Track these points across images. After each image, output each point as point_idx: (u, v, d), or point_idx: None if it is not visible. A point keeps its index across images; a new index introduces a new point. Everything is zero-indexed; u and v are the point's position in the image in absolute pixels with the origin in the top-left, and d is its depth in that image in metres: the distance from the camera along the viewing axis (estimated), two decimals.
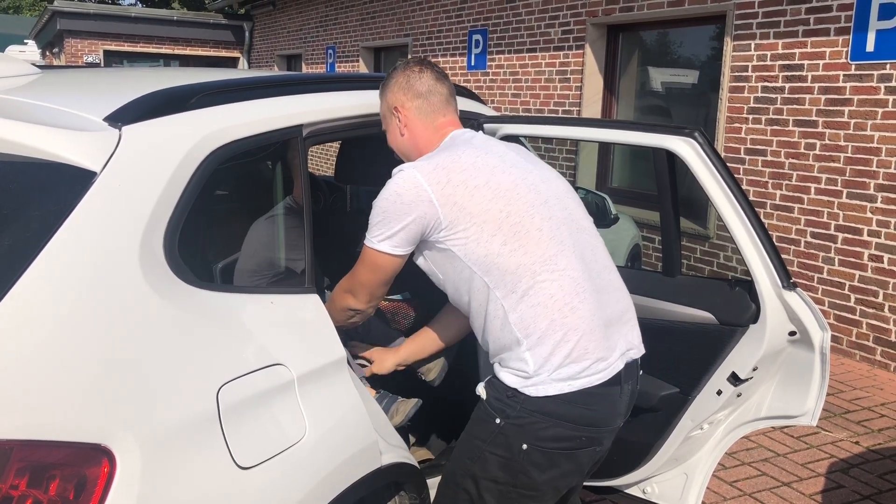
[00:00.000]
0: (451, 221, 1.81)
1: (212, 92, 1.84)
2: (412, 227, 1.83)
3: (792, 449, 3.87)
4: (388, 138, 2.11)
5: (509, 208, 1.82)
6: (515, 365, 1.83)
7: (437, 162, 1.86)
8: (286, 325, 1.80)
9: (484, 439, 1.88)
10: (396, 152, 2.11)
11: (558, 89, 7.72)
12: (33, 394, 1.31)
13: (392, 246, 1.87)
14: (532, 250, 1.82)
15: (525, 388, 1.81)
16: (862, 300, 5.23)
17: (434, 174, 1.83)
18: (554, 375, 1.80)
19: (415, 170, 1.84)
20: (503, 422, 1.84)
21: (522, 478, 1.86)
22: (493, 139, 2.06)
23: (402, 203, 1.82)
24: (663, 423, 2.44)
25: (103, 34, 15.30)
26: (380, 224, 1.86)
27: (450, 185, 1.82)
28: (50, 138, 1.51)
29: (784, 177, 5.63)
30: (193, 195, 1.65)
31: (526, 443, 1.82)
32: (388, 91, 2.07)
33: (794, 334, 2.25)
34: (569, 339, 1.80)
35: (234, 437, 1.55)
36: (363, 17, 11.43)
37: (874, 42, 4.98)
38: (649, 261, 6.53)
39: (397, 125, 2.05)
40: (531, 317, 1.80)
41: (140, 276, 1.49)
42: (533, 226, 1.83)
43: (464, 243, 1.82)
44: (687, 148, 2.18)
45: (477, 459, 1.89)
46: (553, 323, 1.80)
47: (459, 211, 1.81)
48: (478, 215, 1.81)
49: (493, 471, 1.87)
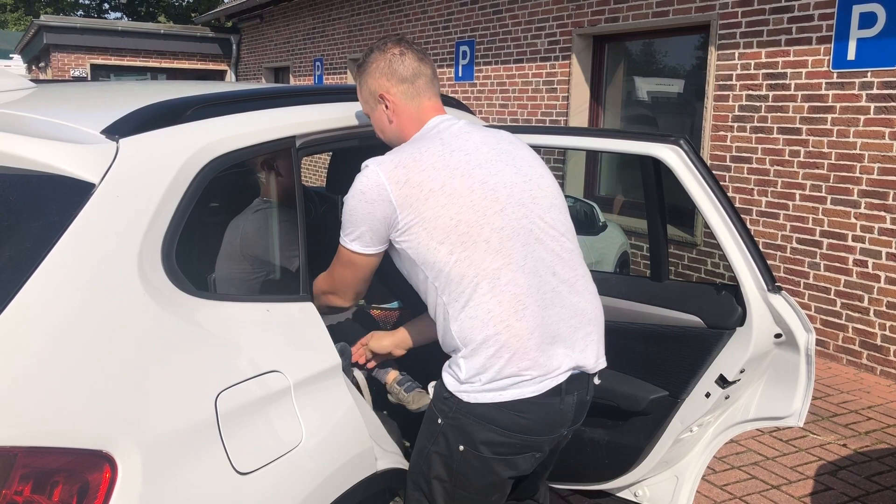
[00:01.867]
0: (406, 223, 1.80)
1: (207, 104, 1.87)
2: (377, 226, 1.84)
3: (781, 452, 3.91)
4: (375, 125, 2.04)
5: (459, 216, 1.78)
6: (453, 369, 1.85)
7: (400, 159, 1.82)
8: (282, 333, 1.83)
9: (429, 439, 1.92)
10: (384, 140, 2.04)
11: (545, 99, 7.79)
12: (36, 401, 1.33)
13: (363, 245, 1.88)
14: (477, 262, 1.78)
15: (458, 393, 1.82)
16: (847, 305, 5.29)
17: (395, 173, 1.80)
18: (486, 386, 1.79)
19: (378, 167, 1.82)
20: (443, 421, 1.86)
21: (461, 478, 1.87)
22: (472, 129, 1.94)
23: (366, 202, 1.82)
24: (653, 426, 2.47)
25: (90, 48, 15.29)
26: (349, 223, 1.88)
27: (407, 186, 1.78)
28: (49, 151, 1.54)
29: (769, 184, 5.70)
30: (190, 205, 1.68)
31: (462, 444, 1.83)
32: (368, 75, 1.97)
33: (780, 336, 2.29)
34: (501, 355, 1.78)
35: (232, 442, 1.57)
36: (350, 30, 11.49)
37: (855, 50, 5.07)
38: (637, 268, 6.58)
39: (384, 112, 1.97)
40: (469, 328, 1.79)
41: (139, 285, 1.52)
42: (481, 237, 1.78)
43: (415, 246, 1.81)
44: (672, 155, 2.23)
45: (425, 458, 1.93)
46: (487, 339, 1.78)
47: (414, 214, 1.78)
48: (429, 220, 1.78)
49: (437, 469, 1.90)
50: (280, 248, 2.17)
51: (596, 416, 2.60)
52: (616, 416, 2.55)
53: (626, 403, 2.49)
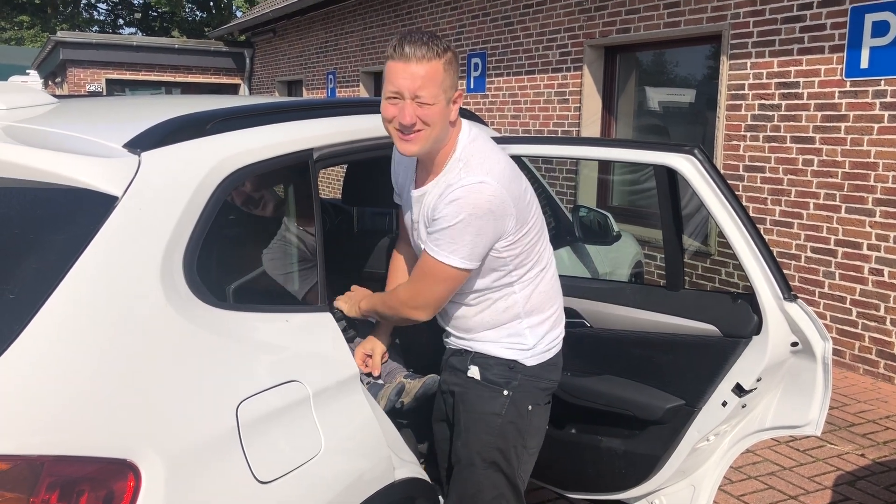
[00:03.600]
0: (517, 232, 1.97)
1: (226, 118, 1.90)
2: (496, 239, 1.94)
3: (798, 462, 3.89)
4: (434, 118, 1.88)
5: (535, 218, 2.06)
6: (515, 339, 2.09)
7: (510, 174, 1.95)
8: (301, 343, 1.85)
9: (498, 412, 2.07)
10: (431, 135, 1.90)
11: (557, 110, 7.81)
12: (62, 410, 1.35)
13: (472, 262, 1.94)
14: (544, 249, 2.12)
15: (524, 360, 2.09)
16: (864, 314, 5.26)
17: (511, 187, 1.93)
18: (545, 349, 2.13)
19: (500, 184, 1.89)
20: (509, 392, 2.07)
21: (530, 436, 2.13)
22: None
23: (495, 218, 1.89)
24: (670, 435, 2.47)
25: (105, 63, 15.46)
26: (466, 241, 1.87)
27: (521, 200, 1.96)
28: (73, 165, 1.57)
29: (783, 193, 5.69)
30: (211, 217, 1.71)
31: (530, 404, 2.10)
32: (453, 69, 1.92)
33: (797, 345, 2.29)
34: (558, 322, 2.18)
35: (253, 451, 1.59)
36: (363, 43, 11.57)
37: (868, 59, 5.06)
38: (650, 278, 6.57)
39: (448, 110, 1.91)
40: (539, 302, 2.10)
41: (162, 296, 1.54)
42: (543, 233, 2.12)
43: (519, 251, 2.00)
44: (687, 164, 2.24)
45: (497, 433, 2.07)
46: (555, 310, 2.16)
47: (523, 223, 1.98)
48: (532, 228, 2.03)
49: (512, 437, 2.09)
50: (298, 261, 2.19)
51: (612, 425, 2.61)
52: (632, 425, 2.56)
53: (642, 412, 2.49)
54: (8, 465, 1.29)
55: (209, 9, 32.13)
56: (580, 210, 3.85)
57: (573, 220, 3.76)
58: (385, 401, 2.23)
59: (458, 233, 1.86)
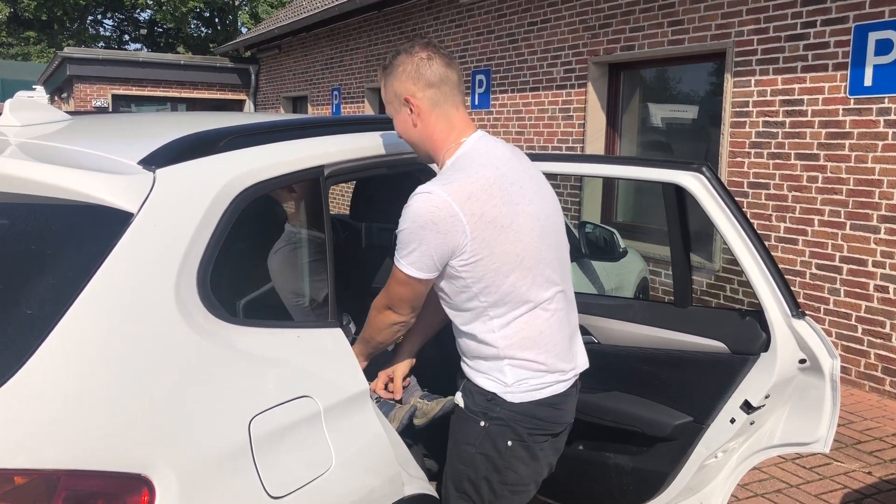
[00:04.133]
0: (474, 254, 1.84)
1: (239, 135, 1.92)
2: (444, 254, 1.84)
3: (805, 480, 3.88)
4: (397, 127, 2.03)
5: (525, 253, 1.90)
6: (495, 375, 1.96)
7: (471, 190, 1.83)
8: (312, 359, 1.86)
9: (472, 443, 1.98)
10: (405, 140, 2.05)
11: (561, 126, 7.84)
12: (78, 425, 1.36)
13: (425, 273, 1.87)
14: (535, 291, 1.93)
15: (503, 394, 1.95)
16: (869, 331, 5.26)
17: (469, 205, 1.81)
18: (530, 388, 1.96)
19: (449, 196, 1.80)
20: (486, 423, 1.96)
21: (510, 474, 1.98)
22: (509, 153, 2.00)
23: (437, 231, 1.80)
24: (678, 452, 2.47)
25: (112, 79, 15.56)
26: (411, 249, 1.85)
27: (482, 220, 1.82)
28: (89, 182, 1.59)
29: (788, 209, 5.70)
30: (224, 233, 1.72)
31: (510, 440, 1.96)
32: (394, 77, 1.96)
33: (805, 362, 2.29)
34: (546, 366, 1.97)
35: (265, 466, 1.60)
36: (368, 59, 11.64)
37: (872, 77, 5.09)
38: (655, 294, 6.57)
39: (408, 116, 1.97)
40: (519, 345, 1.93)
41: (175, 311, 1.56)
42: (538, 269, 1.93)
43: (480, 276, 1.87)
44: (696, 182, 2.26)
45: (469, 463, 1.99)
46: (538, 355, 1.95)
47: (486, 248, 1.84)
48: (499, 256, 1.86)
49: (484, 470, 1.98)
50: (308, 276, 2.21)
51: (620, 441, 2.61)
52: (640, 441, 2.56)
53: (650, 429, 2.49)
54: (24, 479, 1.30)
55: (214, 25, 32.37)
56: (586, 226, 3.86)
57: (579, 237, 3.77)
58: (397, 423, 2.21)
59: (405, 239, 1.86)
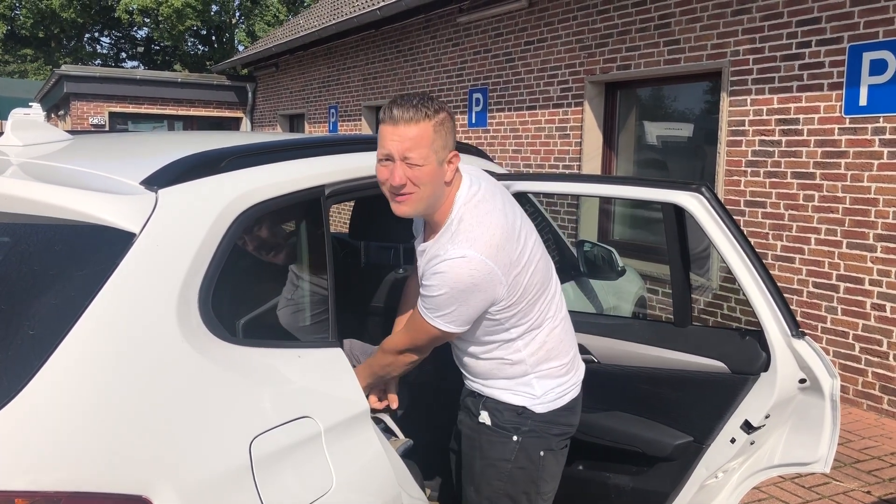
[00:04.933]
0: (510, 297, 1.96)
1: (241, 155, 1.93)
2: (485, 307, 1.95)
3: (804, 500, 3.87)
4: (425, 178, 1.90)
5: (538, 275, 2.03)
6: (522, 389, 2.08)
7: (497, 243, 1.90)
8: (313, 379, 1.85)
9: (507, 458, 2.07)
10: (422, 192, 1.92)
11: (558, 145, 7.87)
12: (79, 447, 1.36)
13: (462, 326, 1.98)
14: (551, 311, 2.11)
15: (533, 406, 2.08)
16: (866, 349, 5.26)
17: (500, 257, 1.90)
18: (556, 396, 2.11)
19: (484, 257, 1.88)
20: (519, 437, 2.07)
21: (544, 484, 2.11)
22: (496, 191, 2.05)
23: (480, 291, 1.90)
24: (678, 472, 2.46)
25: (108, 96, 15.57)
26: (454, 312, 1.92)
27: (511, 266, 1.93)
28: (91, 202, 1.59)
29: (784, 228, 5.72)
30: (226, 253, 1.72)
31: (542, 450, 2.09)
32: (446, 130, 1.93)
33: (805, 382, 2.30)
34: (570, 372, 2.15)
35: (265, 487, 1.59)
36: (365, 77, 11.68)
37: (867, 96, 5.12)
38: (652, 312, 6.57)
39: (446, 170, 1.94)
40: (544, 357, 2.09)
41: (178, 332, 1.55)
42: (550, 291, 2.11)
43: (513, 312, 2.00)
44: (695, 202, 2.26)
45: (507, 478, 2.07)
46: (562, 364, 2.13)
47: (518, 288, 1.97)
48: (527, 289, 1.99)
49: (522, 484, 2.09)
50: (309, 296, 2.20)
51: (620, 461, 2.60)
52: (641, 461, 2.55)
53: (650, 449, 2.49)
54: (26, 501, 1.29)
55: (211, 43, 32.48)
56: (584, 245, 3.87)
57: (577, 255, 3.78)
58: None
59: (443, 303, 1.92)
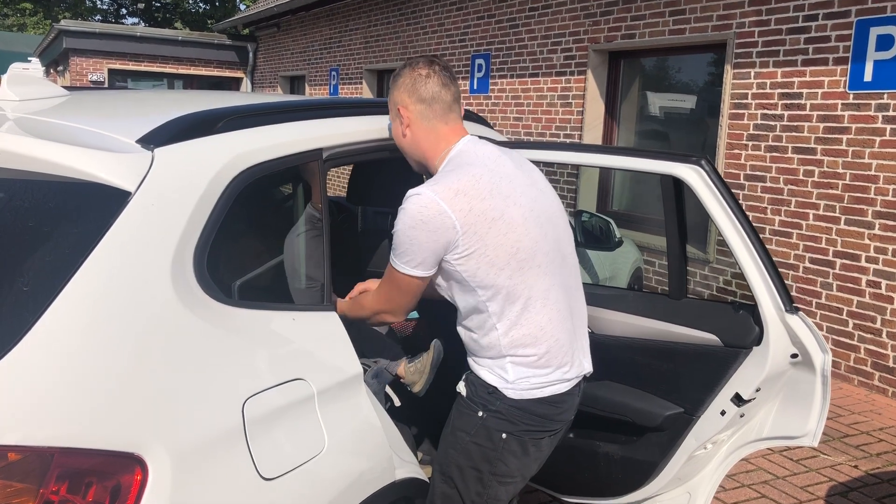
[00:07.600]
0: (467, 248, 1.89)
1: (238, 116, 1.91)
2: (439, 251, 1.90)
3: (791, 472, 3.91)
4: (392, 133, 2.17)
5: (518, 244, 1.93)
6: (497, 371, 2.00)
7: (458, 187, 1.89)
8: (306, 341, 1.86)
9: (467, 431, 2.03)
10: (399, 146, 2.16)
11: (560, 114, 7.83)
12: (71, 403, 1.36)
13: (422, 270, 1.94)
14: (531, 283, 1.97)
15: (504, 389, 1.99)
16: (860, 325, 5.29)
17: (456, 201, 1.87)
18: (531, 385, 2.00)
19: (436, 195, 1.87)
20: (485, 414, 2.01)
21: (500, 466, 2.03)
22: (501, 152, 2.07)
23: (428, 230, 1.87)
24: (668, 442, 2.49)
25: (108, 53, 15.43)
26: (408, 251, 1.91)
27: (472, 214, 1.88)
28: (87, 159, 1.58)
29: (783, 203, 5.71)
30: (221, 215, 1.72)
31: (505, 432, 2.00)
32: (394, 88, 2.10)
33: (796, 357, 2.31)
34: (550, 363, 2.00)
35: (258, 448, 1.60)
36: (367, 40, 11.57)
37: (872, 72, 5.08)
38: (648, 283, 6.59)
39: (399, 125, 2.10)
40: (520, 342, 1.97)
41: (172, 292, 1.55)
42: (535, 262, 1.97)
43: (473, 270, 1.91)
44: (694, 175, 2.26)
45: (461, 450, 2.04)
46: (538, 352, 1.99)
47: (478, 241, 1.89)
48: (491, 248, 1.90)
49: (475, 459, 2.03)
50: (305, 258, 2.20)
51: (610, 430, 2.62)
52: (631, 431, 2.57)
53: (641, 419, 2.51)
54: (18, 455, 1.30)
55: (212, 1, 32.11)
56: (582, 215, 3.87)
57: (575, 226, 3.78)
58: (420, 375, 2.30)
59: (398, 240, 1.93)
